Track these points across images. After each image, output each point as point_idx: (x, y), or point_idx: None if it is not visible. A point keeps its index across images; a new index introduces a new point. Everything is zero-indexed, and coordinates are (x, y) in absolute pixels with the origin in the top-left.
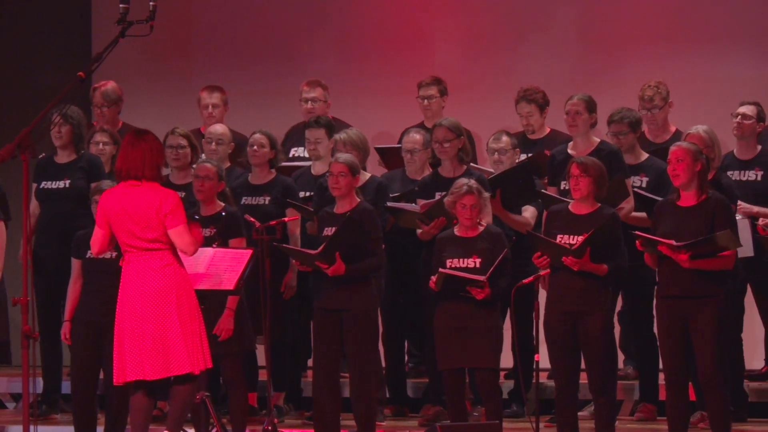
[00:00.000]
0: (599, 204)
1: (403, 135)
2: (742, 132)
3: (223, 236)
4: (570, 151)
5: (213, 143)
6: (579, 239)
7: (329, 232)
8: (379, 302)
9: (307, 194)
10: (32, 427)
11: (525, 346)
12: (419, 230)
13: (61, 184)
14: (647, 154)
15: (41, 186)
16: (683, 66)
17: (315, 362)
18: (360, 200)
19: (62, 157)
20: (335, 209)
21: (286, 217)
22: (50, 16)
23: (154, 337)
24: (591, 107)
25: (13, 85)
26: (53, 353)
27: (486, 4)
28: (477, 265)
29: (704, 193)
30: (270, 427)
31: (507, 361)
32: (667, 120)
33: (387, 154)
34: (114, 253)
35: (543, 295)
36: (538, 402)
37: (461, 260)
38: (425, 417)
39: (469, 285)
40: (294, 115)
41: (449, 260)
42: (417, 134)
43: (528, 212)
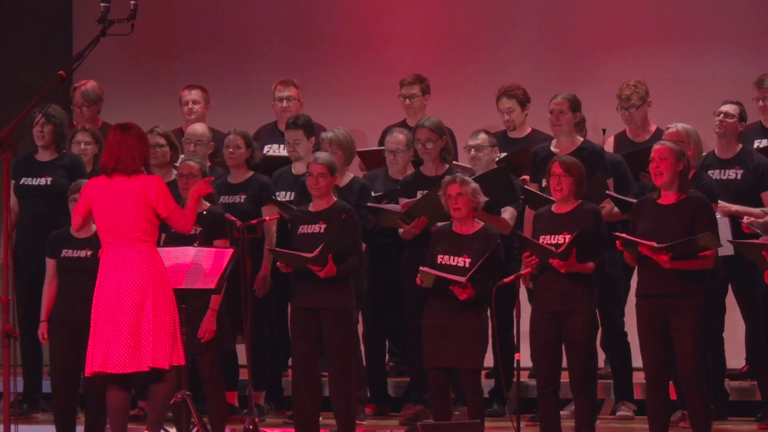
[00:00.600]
0: (579, 201)
1: (386, 134)
2: (725, 130)
3: (209, 236)
4: (553, 149)
5: (192, 144)
6: (560, 238)
7: (306, 230)
8: (361, 301)
9: (288, 194)
10: (13, 427)
11: (506, 345)
12: (401, 230)
13: (43, 182)
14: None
15: (21, 182)
16: (665, 65)
17: (294, 361)
18: (336, 199)
19: (44, 155)
20: (310, 208)
21: (265, 216)
22: (31, 15)
23: (127, 331)
24: (575, 106)
25: None
26: (34, 352)
27: (466, 3)
28: (466, 265)
29: (684, 192)
30: (251, 427)
31: (488, 360)
32: (647, 119)
33: (367, 157)
34: (89, 252)
35: (524, 294)
36: (519, 401)
37: (452, 257)
38: (406, 416)
39: (451, 285)
40: (272, 115)
41: (440, 256)
42: (400, 134)
43: (507, 213)
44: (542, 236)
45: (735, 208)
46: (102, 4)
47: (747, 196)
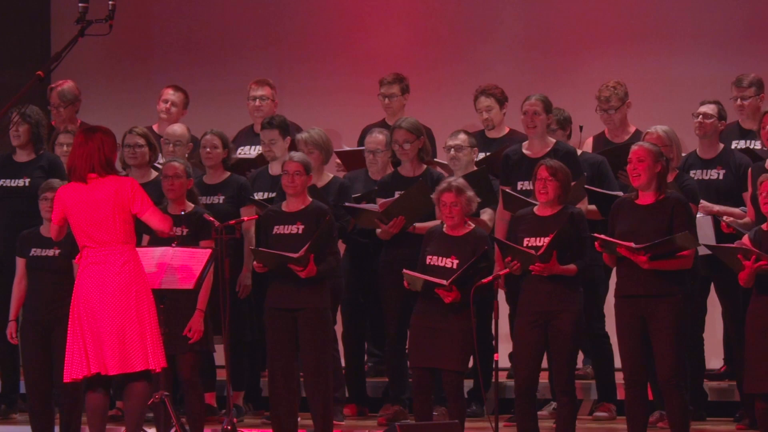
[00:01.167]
0: (563, 205)
1: (365, 134)
2: (704, 131)
3: (195, 237)
4: (525, 152)
5: (171, 144)
6: (544, 240)
7: (282, 230)
8: (340, 302)
9: (265, 195)
10: None
11: (484, 346)
12: (379, 230)
13: (21, 183)
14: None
15: None
16: (644, 66)
17: (271, 363)
18: (312, 200)
19: (21, 156)
20: (285, 207)
21: (243, 216)
22: (9, 15)
23: (112, 334)
24: (548, 108)
25: None
26: (9, 353)
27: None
28: (454, 266)
29: (662, 193)
30: (229, 427)
31: None
32: (626, 120)
33: (346, 158)
34: (57, 251)
35: (502, 295)
36: (497, 401)
37: (440, 258)
38: (385, 416)
39: (436, 288)
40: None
41: (429, 256)
42: (380, 134)
43: (486, 215)
44: (526, 239)
45: (717, 209)
46: (80, 5)
47: (729, 196)
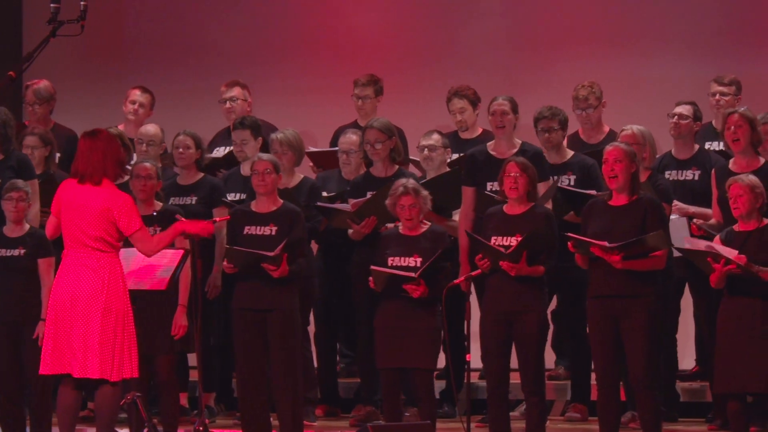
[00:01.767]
0: (532, 203)
1: (338, 134)
2: (679, 132)
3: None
4: (491, 152)
5: (144, 144)
6: (512, 240)
7: (253, 231)
8: (312, 302)
9: (238, 195)
10: None
11: (456, 347)
12: (350, 230)
13: None
14: (572, 152)
15: None
16: (618, 66)
17: (240, 364)
18: (283, 201)
19: None
20: (255, 208)
21: (216, 217)
22: None
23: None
24: (515, 108)
25: None
26: None
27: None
28: (417, 264)
29: (635, 194)
30: (201, 428)
31: (439, 362)
32: (601, 120)
33: (318, 158)
34: (23, 251)
35: (474, 296)
36: (470, 402)
37: (403, 258)
38: (357, 417)
39: (404, 283)
40: (222, 116)
41: (390, 258)
42: (353, 135)
43: (458, 216)
44: (494, 237)
45: (692, 210)
46: (52, 5)
47: (704, 197)
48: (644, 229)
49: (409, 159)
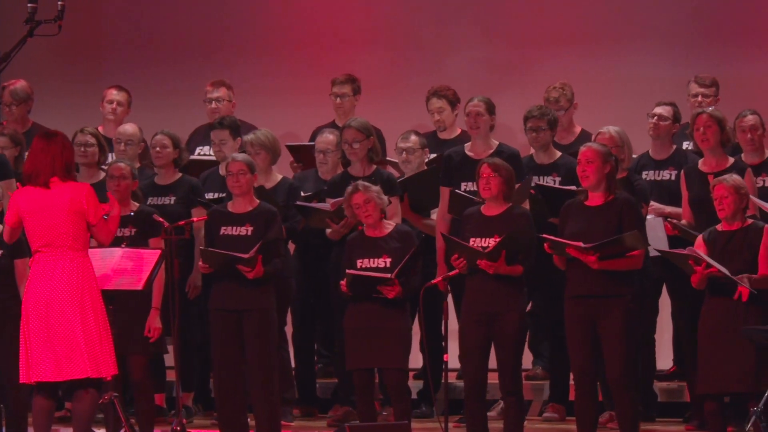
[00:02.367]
0: (509, 204)
1: (316, 135)
2: (658, 133)
3: (144, 236)
4: (468, 153)
5: (122, 144)
6: (490, 241)
7: (229, 232)
8: (290, 303)
9: (216, 195)
10: None
11: (434, 347)
12: (329, 230)
13: None
14: (560, 153)
15: None
16: (595, 66)
17: (217, 364)
18: (260, 201)
19: None
20: (231, 208)
21: (194, 217)
22: None
23: (58, 340)
24: (491, 109)
25: None
26: None
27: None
28: (387, 265)
29: (612, 194)
30: (179, 428)
31: (416, 362)
32: (573, 121)
33: (300, 152)
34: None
35: (451, 296)
36: (447, 402)
37: (371, 260)
38: (334, 417)
39: (379, 284)
40: (202, 116)
41: (359, 261)
42: (330, 135)
43: (437, 215)
44: (472, 238)
45: (669, 210)
46: (29, 5)
47: (681, 197)
48: (620, 229)
49: (387, 160)
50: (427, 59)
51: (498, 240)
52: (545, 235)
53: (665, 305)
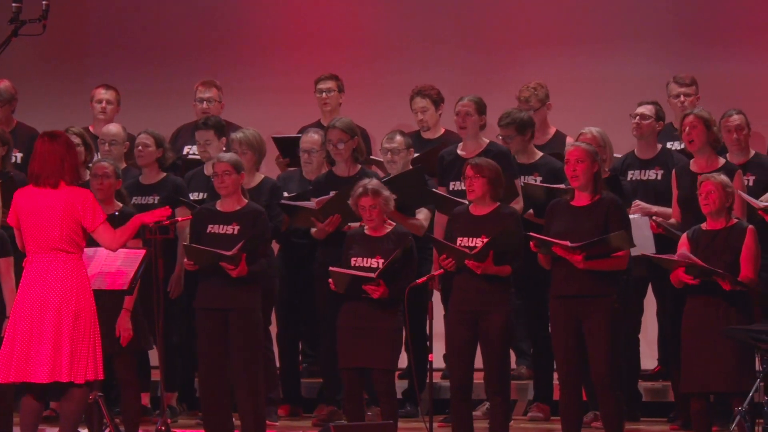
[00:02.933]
0: (497, 204)
1: (301, 134)
2: (641, 132)
3: None
4: (459, 152)
5: (107, 144)
6: (478, 241)
7: (216, 230)
8: (274, 302)
9: (200, 195)
10: None
11: (419, 347)
12: (314, 229)
13: None
14: (541, 153)
15: None
16: (577, 66)
17: (201, 363)
18: (248, 201)
19: None
20: (219, 207)
21: (178, 216)
22: None
23: (48, 342)
24: (481, 109)
25: None
26: None
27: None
28: (379, 266)
29: (598, 194)
30: (163, 428)
31: (401, 361)
32: (547, 121)
33: (286, 145)
34: None
35: (437, 295)
36: (432, 402)
37: (365, 260)
38: (319, 417)
39: (364, 283)
40: (188, 115)
41: (354, 258)
42: (315, 134)
43: (422, 214)
44: (460, 238)
45: (655, 209)
46: (14, 4)
47: (667, 197)
48: (606, 229)
49: (372, 159)
50: (411, 59)
51: (486, 241)
52: (532, 233)
53: (650, 305)
